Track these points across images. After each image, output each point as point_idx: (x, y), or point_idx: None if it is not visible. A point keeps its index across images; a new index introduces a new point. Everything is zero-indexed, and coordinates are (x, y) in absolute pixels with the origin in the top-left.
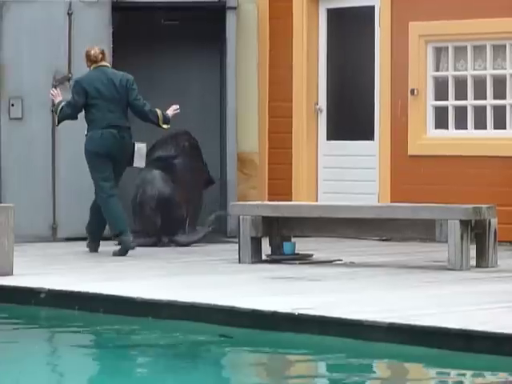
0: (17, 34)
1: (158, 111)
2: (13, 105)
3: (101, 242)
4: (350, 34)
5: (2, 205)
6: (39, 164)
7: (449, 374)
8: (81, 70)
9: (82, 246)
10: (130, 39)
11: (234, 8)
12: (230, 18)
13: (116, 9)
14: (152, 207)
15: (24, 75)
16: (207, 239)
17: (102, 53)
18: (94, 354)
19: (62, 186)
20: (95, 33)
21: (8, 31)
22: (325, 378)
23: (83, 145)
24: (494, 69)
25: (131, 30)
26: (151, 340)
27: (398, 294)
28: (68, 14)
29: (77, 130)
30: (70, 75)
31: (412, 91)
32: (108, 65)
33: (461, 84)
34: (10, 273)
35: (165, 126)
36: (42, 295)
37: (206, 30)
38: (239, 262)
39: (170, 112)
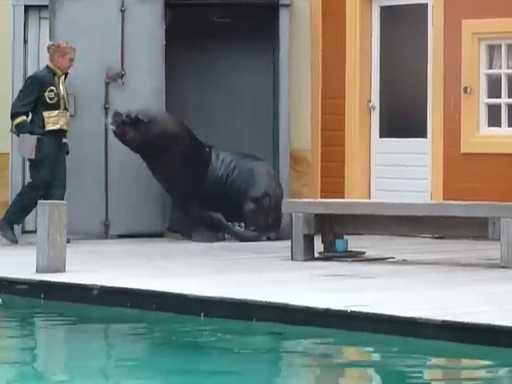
0: (69, 30)
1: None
2: None
3: (154, 239)
4: (402, 31)
5: (54, 202)
6: (92, 161)
7: (501, 371)
8: (133, 67)
9: (135, 242)
10: (183, 36)
11: (288, 5)
12: (283, 16)
13: (168, 6)
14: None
15: (77, 72)
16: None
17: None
18: (147, 352)
19: (114, 183)
20: (148, 30)
21: (60, 28)
22: (378, 376)
23: None
24: None
25: (184, 27)
26: (203, 338)
27: (449, 291)
28: (121, 10)
29: None
30: (122, 72)
31: (465, 89)
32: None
33: None
34: (62, 269)
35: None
36: (95, 292)
37: (259, 28)
38: (292, 259)
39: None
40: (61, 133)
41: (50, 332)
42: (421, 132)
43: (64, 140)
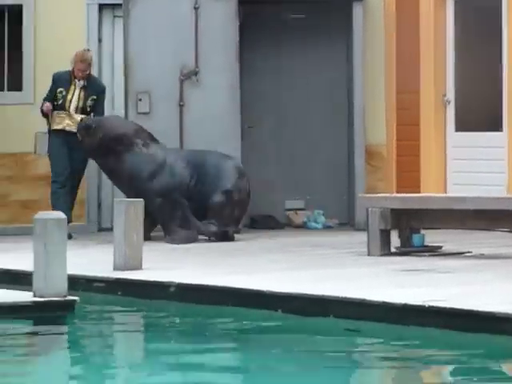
0: (143, 28)
1: None
2: (140, 99)
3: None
4: (477, 24)
5: (131, 200)
6: None
7: None
8: (208, 64)
9: (207, 241)
10: (256, 32)
11: (361, 0)
12: (357, 11)
13: (242, 2)
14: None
15: (151, 70)
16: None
17: None
18: (226, 349)
19: None
20: (222, 27)
21: (134, 26)
22: (459, 371)
23: (211, 138)
24: None
25: (257, 23)
26: (280, 334)
27: None
28: (194, 8)
29: (204, 124)
30: (196, 69)
31: None
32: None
33: None
34: (139, 267)
35: None
36: (172, 289)
37: (333, 23)
38: (368, 254)
39: None
40: (67, 133)
41: (128, 328)
42: (496, 125)
43: None
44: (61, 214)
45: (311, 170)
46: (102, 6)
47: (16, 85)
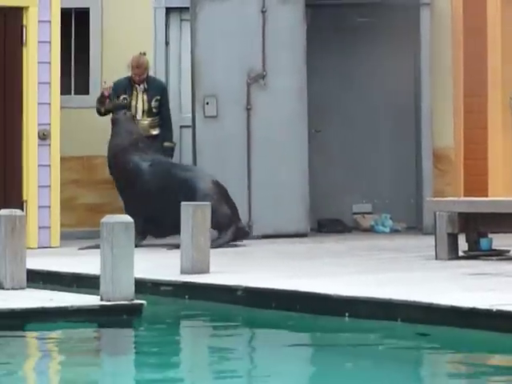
0: (210, 32)
1: None
2: (207, 103)
3: (297, 239)
4: None
5: (198, 203)
6: (234, 162)
7: None
8: (275, 67)
9: (278, 243)
10: (323, 35)
11: (428, 4)
12: (424, 15)
13: (309, 6)
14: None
15: (218, 73)
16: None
17: None
18: (293, 353)
19: (257, 183)
20: (289, 30)
21: (202, 30)
22: None
23: (278, 142)
24: None
25: (324, 26)
26: (349, 338)
27: None
28: (262, 11)
29: (271, 127)
30: (264, 73)
31: None
32: None
33: None
34: (206, 270)
35: None
36: (239, 293)
37: (400, 26)
38: (436, 258)
39: None
40: None
41: (196, 332)
42: None
43: (165, 144)
44: (127, 218)
45: (379, 173)
46: (169, 10)
47: (83, 88)
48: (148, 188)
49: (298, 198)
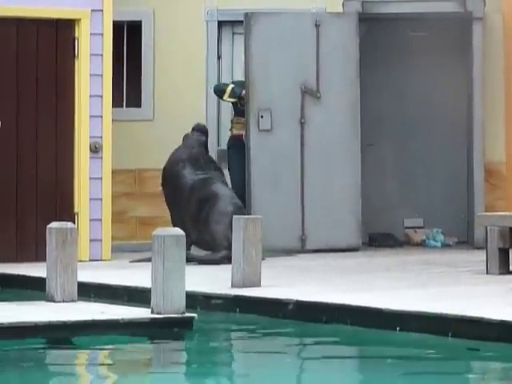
0: (264, 45)
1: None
2: (262, 116)
3: (349, 253)
4: None
5: (250, 216)
6: (287, 176)
7: None
8: (329, 81)
9: (330, 257)
10: (376, 49)
11: (481, 18)
12: (477, 29)
13: (361, 20)
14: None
15: (272, 87)
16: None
17: None
18: (342, 367)
19: (309, 197)
20: (342, 43)
21: (256, 43)
22: None
23: (331, 156)
24: None
25: (377, 40)
26: (399, 352)
27: None
28: (316, 25)
29: (324, 141)
30: (318, 95)
31: None
32: None
33: None
34: (258, 284)
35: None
36: (290, 306)
37: (452, 40)
38: (487, 273)
39: None
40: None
41: (246, 345)
42: None
43: None
44: (179, 231)
45: (430, 187)
46: (221, 23)
47: (135, 101)
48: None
49: (349, 212)
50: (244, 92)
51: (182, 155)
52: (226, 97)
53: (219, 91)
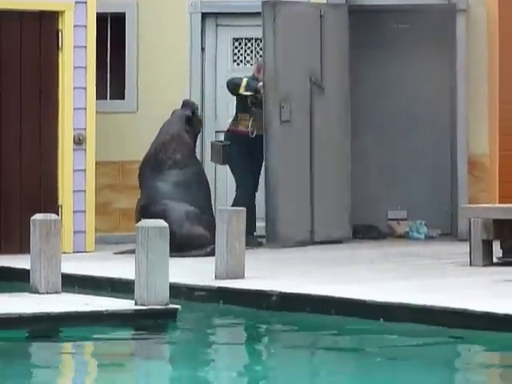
0: (284, 35)
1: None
2: (283, 107)
3: (333, 245)
4: None
5: (234, 209)
6: (298, 167)
7: None
8: (328, 73)
9: (314, 249)
10: (359, 42)
11: (464, 10)
12: (460, 21)
13: (349, 12)
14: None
15: (291, 77)
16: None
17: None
18: (329, 357)
19: (318, 190)
20: (338, 35)
21: (278, 32)
22: None
23: (328, 148)
24: None
25: (360, 32)
26: (383, 343)
27: None
28: (320, 16)
29: (325, 132)
30: (323, 86)
31: None
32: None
33: None
34: (241, 276)
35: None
36: (274, 298)
37: (436, 32)
38: (470, 264)
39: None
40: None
41: (229, 336)
42: None
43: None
44: (162, 223)
45: (414, 179)
46: (204, 15)
47: (118, 93)
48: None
49: (340, 203)
50: (260, 84)
51: (151, 151)
52: (241, 90)
53: (233, 85)
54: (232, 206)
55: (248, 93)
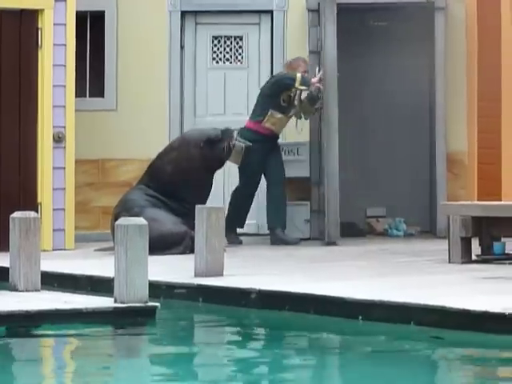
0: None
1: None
2: None
3: (313, 242)
4: None
5: (213, 206)
6: None
7: None
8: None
9: (293, 247)
10: (339, 39)
11: (443, 8)
12: (439, 18)
13: None
14: None
15: None
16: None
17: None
18: (309, 356)
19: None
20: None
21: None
22: None
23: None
24: None
25: (339, 30)
26: (362, 341)
27: None
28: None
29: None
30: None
31: None
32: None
33: None
34: (220, 273)
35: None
36: (253, 295)
37: (415, 30)
38: (449, 262)
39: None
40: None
41: (209, 334)
42: None
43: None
44: (142, 221)
45: (393, 176)
46: (184, 13)
47: (98, 91)
48: None
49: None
50: (315, 78)
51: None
52: (297, 84)
53: (290, 80)
54: (231, 196)
55: (303, 87)
